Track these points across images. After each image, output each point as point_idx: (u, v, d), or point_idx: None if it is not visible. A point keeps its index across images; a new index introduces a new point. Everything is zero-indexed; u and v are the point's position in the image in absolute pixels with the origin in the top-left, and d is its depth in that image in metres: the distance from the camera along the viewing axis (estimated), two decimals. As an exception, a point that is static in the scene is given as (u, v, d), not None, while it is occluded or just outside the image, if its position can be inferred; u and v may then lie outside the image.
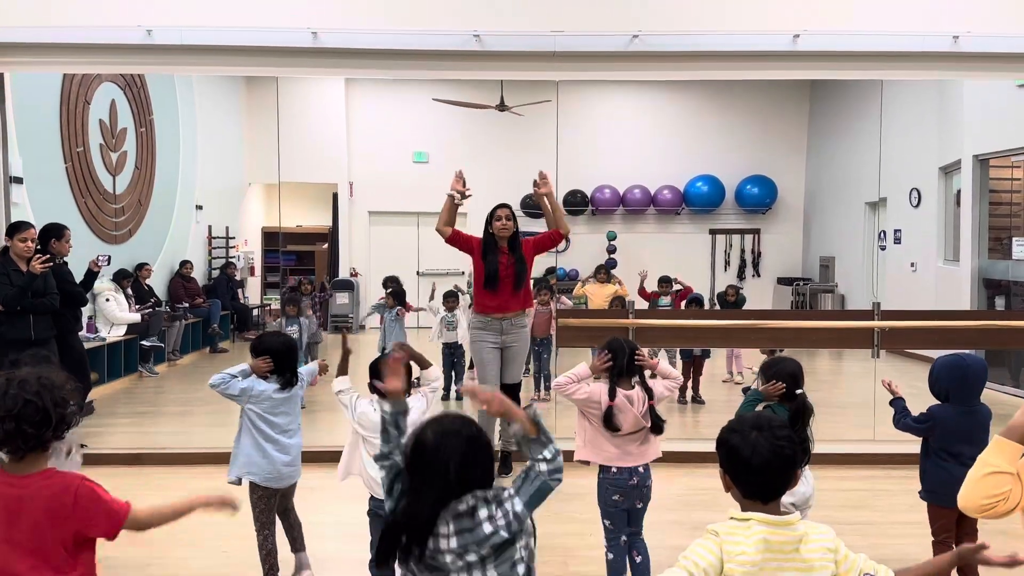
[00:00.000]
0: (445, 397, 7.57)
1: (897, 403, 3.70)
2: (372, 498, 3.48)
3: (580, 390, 3.50)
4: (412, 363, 3.30)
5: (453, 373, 7.67)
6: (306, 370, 3.85)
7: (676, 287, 8.55)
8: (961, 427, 3.45)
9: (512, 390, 5.44)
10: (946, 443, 3.47)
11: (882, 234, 11.13)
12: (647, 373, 3.62)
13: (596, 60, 5.63)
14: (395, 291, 8.14)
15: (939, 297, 9.28)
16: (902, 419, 3.65)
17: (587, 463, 3.54)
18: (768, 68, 5.71)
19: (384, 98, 13.16)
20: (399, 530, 1.91)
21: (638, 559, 3.49)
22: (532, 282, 8.06)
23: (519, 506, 1.93)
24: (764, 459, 1.86)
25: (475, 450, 1.94)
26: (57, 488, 2.04)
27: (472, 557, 1.89)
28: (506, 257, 5.29)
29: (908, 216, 10.47)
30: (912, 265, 10.38)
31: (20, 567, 2.01)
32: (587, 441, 3.54)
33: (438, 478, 1.90)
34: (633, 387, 3.54)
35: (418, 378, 3.47)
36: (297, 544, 3.79)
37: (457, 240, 5.38)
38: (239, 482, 3.57)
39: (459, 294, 8.03)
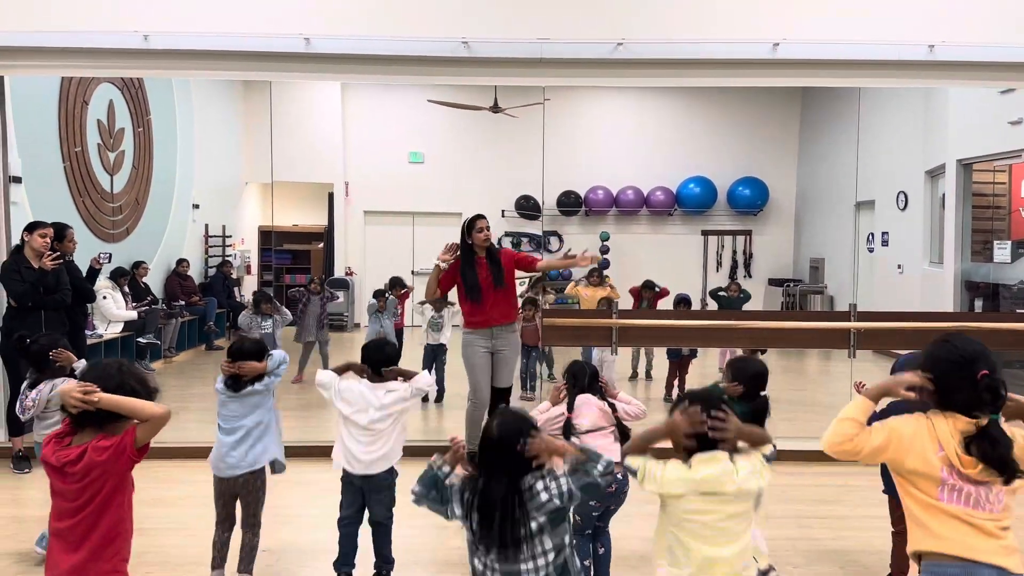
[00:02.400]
0: (424, 398, 7.64)
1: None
2: (344, 470, 3.75)
3: (544, 419, 3.70)
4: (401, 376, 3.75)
5: (434, 372, 7.72)
6: (276, 361, 3.84)
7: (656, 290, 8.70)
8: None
9: (503, 394, 5.58)
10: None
11: (870, 236, 11.29)
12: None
13: (582, 67, 5.77)
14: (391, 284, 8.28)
15: (924, 299, 9.43)
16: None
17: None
18: (749, 75, 5.86)
19: (379, 99, 13.30)
20: (491, 510, 2.34)
21: (601, 551, 3.68)
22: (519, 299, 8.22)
23: (570, 485, 2.37)
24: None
25: (517, 436, 2.39)
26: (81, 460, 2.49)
27: (533, 525, 2.34)
28: (484, 268, 5.46)
29: (895, 219, 10.62)
30: (899, 267, 10.53)
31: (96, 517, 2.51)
32: None
33: (505, 461, 2.37)
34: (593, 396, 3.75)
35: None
36: (240, 565, 3.76)
37: (448, 287, 5.62)
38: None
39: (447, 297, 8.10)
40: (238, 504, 3.75)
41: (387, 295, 8.14)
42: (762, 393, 3.58)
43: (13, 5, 5.55)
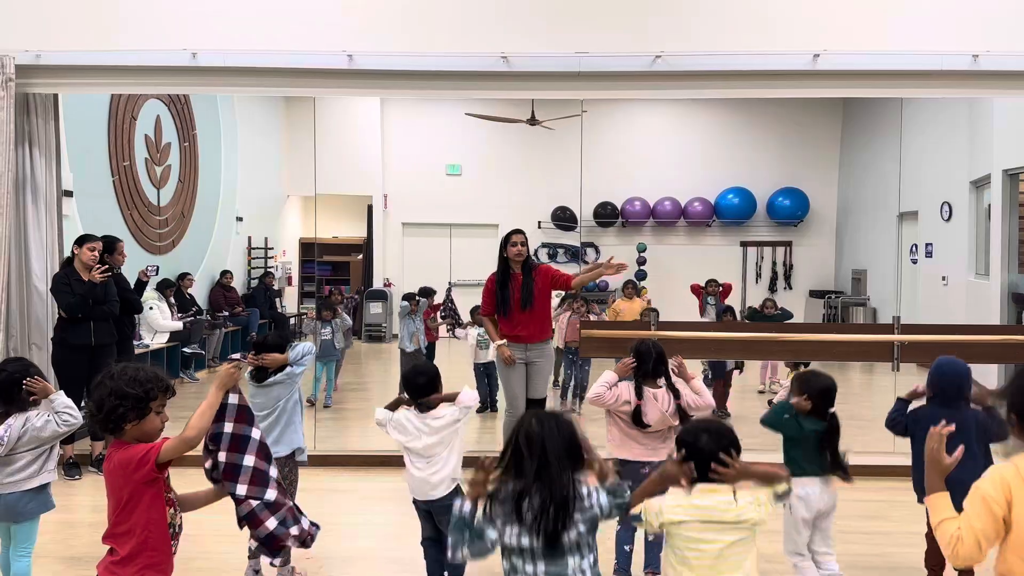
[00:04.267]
0: (481, 410, 7.73)
1: (898, 401, 3.81)
2: (414, 498, 3.73)
3: (611, 396, 3.77)
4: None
5: (489, 388, 7.83)
6: (298, 352, 3.91)
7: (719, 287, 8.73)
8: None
9: (538, 405, 5.61)
10: (923, 432, 3.58)
11: (913, 248, 11.11)
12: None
13: (620, 80, 5.80)
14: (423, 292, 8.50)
15: (969, 311, 9.25)
16: (890, 413, 3.77)
17: (621, 462, 3.77)
18: (788, 87, 5.83)
19: (418, 112, 13.46)
20: (546, 508, 2.30)
21: (651, 537, 3.71)
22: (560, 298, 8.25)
23: (605, 501, 2.41)
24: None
25: (572, 436, 2.41)
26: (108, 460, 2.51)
27: (574, 529, 2.32)
28: (518, 285, 5.51)
29: (939, 230, 10.44)
30: (943, 279, 10.34)
31: (117, 520, 2.52)
32: (617, 442, 3.81)
33: (554, 456, 2.34)
34: (660, 387, 3.78)
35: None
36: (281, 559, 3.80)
37: (492, 305, 5.64)
38: None
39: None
40: None
41: (417, 299, 8.34)
42: (831, 410, 3.53)
43: (67, 26, 5.75)
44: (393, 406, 3.76)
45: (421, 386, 3.67)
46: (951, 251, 10.10)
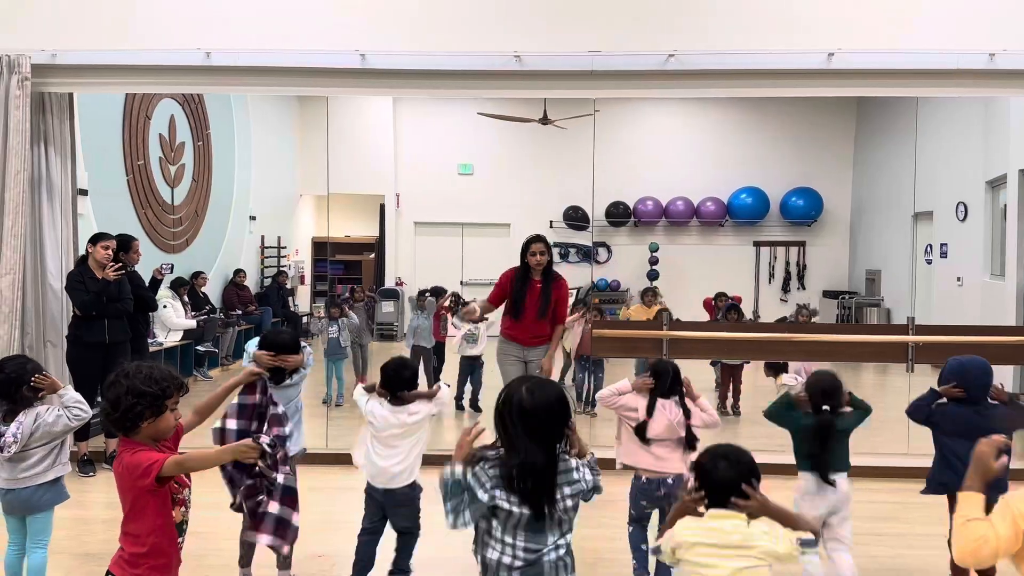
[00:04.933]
0: (459, 407, 7.74)
1: (931, 391, 3.80)
2: (368, 484, 3.80)
3: (619, 400, 3.90)
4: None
5: (471, 384, 7.84)
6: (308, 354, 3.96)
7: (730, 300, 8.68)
8: (966, 424, 3.52)
9: None
10: (948, 439, 3.62)
11: (928, 248, 11.03)
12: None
13: (633, 79, 5.78)
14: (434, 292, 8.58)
15: (985, 312, 9.18)
16: (916, 400, 3.77)
17: (635, 479, 3.90)
18: (802, 86, 5.79)
19: (430, 112, 13.47)
20: (524, 478, 2.27)
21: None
22: (575, 292, 8.25)
23: (590, 476, 2.41)
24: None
25: (563, 406, 2.38)
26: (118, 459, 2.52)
27: (562, 502, 2.32)
28: (536, 292, 5.57)
29: (954, 230, 10.36)
30: (958, 279, 10.27)
31: (128, 519, 2.55)
32: (624, 447, 3.92)
33: (540, 428, 2.31)
34: (670, 401, 3.86)
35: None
36: (281, 560, 3.85)
37: (500, 300, 5.73)
38: None
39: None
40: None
41: (427, 296, 8.39)
42: (824, 407, 3.57)
43: (82, 26, 5.78)
44: (370, 388, 3.83)
45: (406, 380, 3.74)
46: (966, 251, 10.02)
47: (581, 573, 3.98)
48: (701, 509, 2.47)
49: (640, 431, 3.79)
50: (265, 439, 2.64)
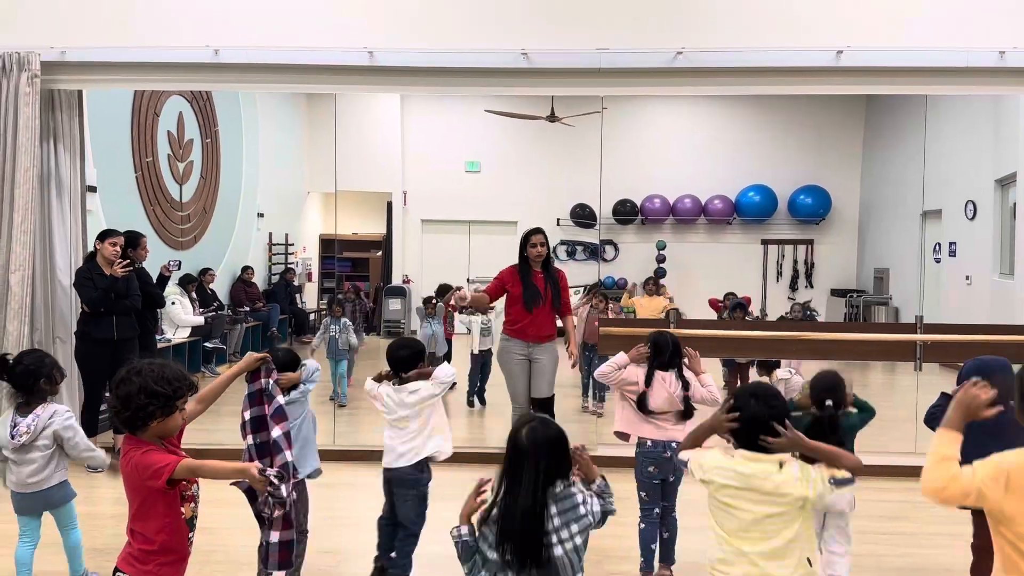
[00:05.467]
0: (471, 403, 7.74)
1: (943, 396, 3.75)
2: (383, 470, 3.83)
3: (618, 375, 3.94)
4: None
5: (480, 378, 7.82)
6: (309, 371, 3.86)
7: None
8: (995, 425, 3.47)
9: (544, 404, 5.57)
10: (971, 446, 3.48)
11: (937, 246, 10.99)
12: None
13: (641, 76, 5.77)
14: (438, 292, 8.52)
15: (994, 311, 9.14)
16: (932, 408, 3.70)
17: (625, 437, 3.95)
18: (811, 84, 5.78)
19: (438, 109, 13.48)
20: (515, 523, 2.23)
21: (666, 535, 3.79)
22: (582, 290, 8.23)
23: (598, 507, 2.37)
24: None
25: (560, 446, 2.32)
26: (126, 457, 2.52)
27: (570, 542, 2.25)
28: (541, 283, 5.52)
29: (963, 228, 10.32)
30: (967, 278, 10.23)
31: (134, 517, 2.55)
32: (624, 419, 3.96)
33: (533, 471, 2.25)
34: (671, 373, 3.89)
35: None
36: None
37: (497, 293, 5.69)
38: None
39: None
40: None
41: (435, 301, 8.32)
42: (827, 403, 3.54)
43: (91, 23, 5.80)
44: (379, 378, 3.85)
45: (403, 359, 3.75)
46: (975, 250, 9.98)
47: (589, 572, 4.00)
48: (731, 448, 2.46)
49: (641, 403, 3.83)
50: (272, 472, 2.64)
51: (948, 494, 2.04)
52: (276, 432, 3.09)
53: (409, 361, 3.76)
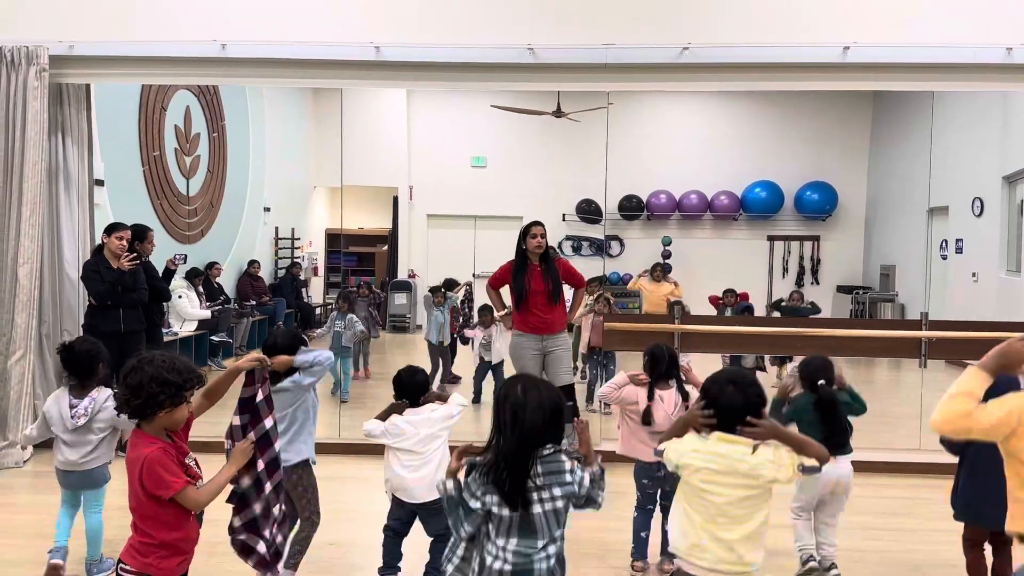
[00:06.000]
0: (476, 401, 7.75)
1: None
2: (391, 511, 3.72)
3: (619, 394, 4.00)
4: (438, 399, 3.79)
5: (494, 377, 7.85)
6: (308, 359, 3.64)
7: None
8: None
9: (564, 391, 5.56)
10: (977, 455, 3.35)
11: (943, 243, 10.96)
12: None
13: (647, 72, 5.77)
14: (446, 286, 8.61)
15: (1000, 308, 9.13)
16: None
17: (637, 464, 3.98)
18: (818, 80, 5.78)
19: (444, 104, 13.48)
20: (501, 472, 2.31)
21: (667, 528, 3.79)
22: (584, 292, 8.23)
23: (587, 482, 2.39)
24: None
25: (554, 410, 2.36)
26: (138, 455, 2.53)
27: (551, 503, 2.32)
28: (538, 276, 5.50)
29: (970, 225, 10.30)
30: (974, 275, 10.21)
31: (136, 512, 2.58)
32: (625, 439, 4.02)
33: (529, 432, 2.31)
34: (670, 387, 3.94)
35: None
36: (288, 559, 3.60)
37: (499, 286, 5.78)
38: None
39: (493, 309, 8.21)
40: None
41: (444, 291, 8.42)
42: (820, 382, 3.69)
43: (100, 17, 5.83)
44: (384, 415, 3.70)
45: (420, 383, 3.70)
46: (982, 247, 9.96)
47: (591, 564, 4.04)
48: (699, 429, 2.51)
49: (646, 418, 3.88)
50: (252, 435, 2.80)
51: (957, 427, 2.11)
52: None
53: (424, 386, 3.72)
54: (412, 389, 3.69)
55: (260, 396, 2.93)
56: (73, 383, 3.80)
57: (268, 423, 2.96)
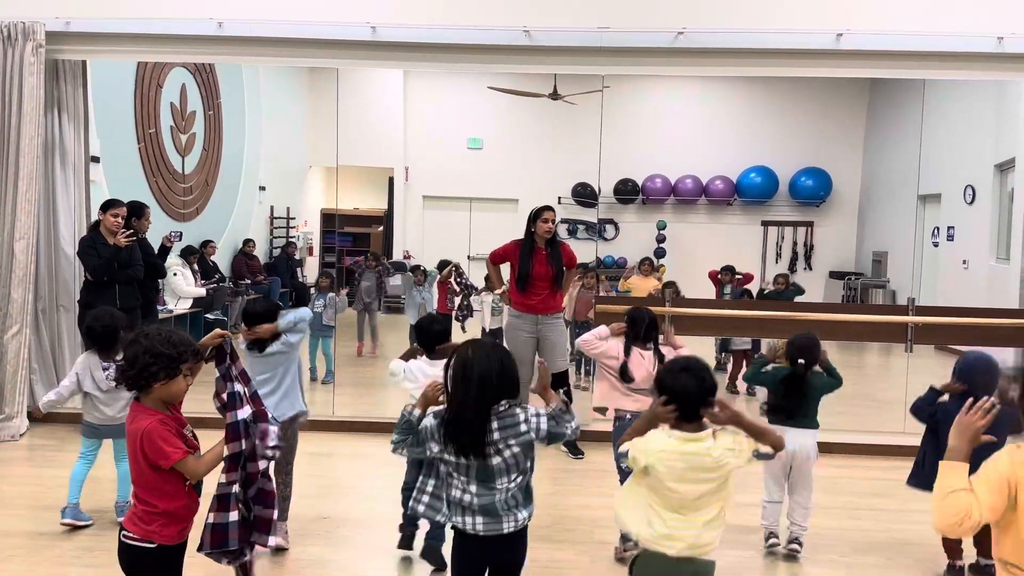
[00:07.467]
0: None
1: (930, 390, 3.84)
2: (407, 471, 3.82)
3: (600, 347, 4.08)
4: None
5: None
6: (291, 320, 3.86)
7: (738, 276, 8.74)
8: None
9: (559, 379, 5.63)
10: (945, 430, 3.47)
11: (935, 230, 11.04)
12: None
13: (642, 56, 5.80)
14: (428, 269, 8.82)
15: (990, 296, 9.21)
16: (918, 400, 3.82)
17: (603, 412, 4.21)
18: (811, 66, 5.81)
19: (440, 85, 13.46)
20: (459, 431, 2.46)
21: None
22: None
23: (545, 426, 2.54)
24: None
25: (506, 366, 2.53)
26: (137, 427, 2.58)
27: (508, 451, 2.48)
28: (544, 260, 5.56)
29: (961, 213, 10.37)
30: (964, 263, 10.29)
31: (137, 483, 2.63)
32: (603, 394, 4.13)
33: (478, 387, 2.46)
34: (648, 349, 4.04)
35: None
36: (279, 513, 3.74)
37: (500, 260, 5.85)
38: None
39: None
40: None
41: (423, 269, 8.63)
42: (800, 360, 3.87)
43: (96, -7, 5.83)
44: (406, 356, 3.89)
45: (437, 333, 3.84)
46: (973, 235, 10.03)
47: (580, 540, 4.12)
48: (668, 424, 2.55)
49: (624, 374, 3.96)
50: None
51: (965, 528, 2.04)
52: (242, 415, 2.98)
53: (442, 335, 3.85)
54: (429, 336, 3.83)
55: (235, 370, 2.95)
56: (98, 350, 4.18)
57: (243, 413, 2.92)
